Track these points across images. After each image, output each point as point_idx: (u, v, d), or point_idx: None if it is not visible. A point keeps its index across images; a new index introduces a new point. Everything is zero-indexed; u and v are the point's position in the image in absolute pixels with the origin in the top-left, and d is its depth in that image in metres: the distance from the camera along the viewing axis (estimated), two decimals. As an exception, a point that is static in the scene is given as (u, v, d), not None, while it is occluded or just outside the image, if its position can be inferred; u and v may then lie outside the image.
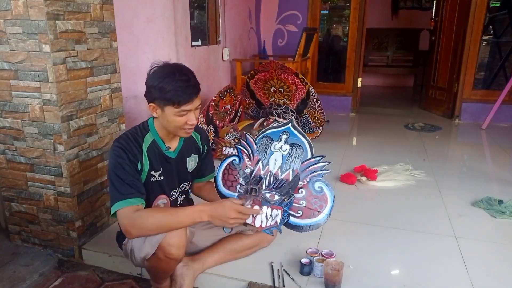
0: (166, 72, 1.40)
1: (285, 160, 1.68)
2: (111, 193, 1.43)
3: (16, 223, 2.05)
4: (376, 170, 2.90)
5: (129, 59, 3.01)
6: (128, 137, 1.48)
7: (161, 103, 1.41)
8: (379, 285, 1.68)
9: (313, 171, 1.64)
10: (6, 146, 1.89)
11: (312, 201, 1.63)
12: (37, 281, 1.82)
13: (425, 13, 7.05)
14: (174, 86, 1.37)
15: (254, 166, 1.71)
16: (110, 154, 1.45)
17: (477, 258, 1.89)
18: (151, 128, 1.53)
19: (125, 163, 1.42)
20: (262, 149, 1.72)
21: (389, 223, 2.23)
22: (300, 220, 1.64)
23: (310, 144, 1.68)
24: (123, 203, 1.38)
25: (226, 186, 1.75)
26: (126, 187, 1.40)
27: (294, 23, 5.17)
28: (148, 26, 2.96)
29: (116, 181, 1.41)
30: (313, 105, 3.58)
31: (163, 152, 1.55)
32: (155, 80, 1.40)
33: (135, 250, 1.48)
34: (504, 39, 4.91)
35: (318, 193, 1.63)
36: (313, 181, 1.64)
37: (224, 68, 4.20)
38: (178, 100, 1.39)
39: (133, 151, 1.45)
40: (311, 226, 1.63)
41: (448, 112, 4.87)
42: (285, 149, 1.69)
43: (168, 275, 1.59)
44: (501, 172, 3.06)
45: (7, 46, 1.72)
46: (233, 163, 1.75)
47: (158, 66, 1.44)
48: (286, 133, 1.71)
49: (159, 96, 1.40)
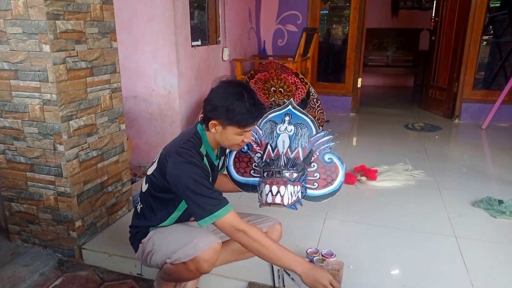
0: (234, 92, 1.41)
1: (293, 140, 1.79)
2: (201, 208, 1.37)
3: (16, 223, 2.05)
4: (376, 170, 2.90)
5: (129, 59, 3.01)
6: (192, 151, 1.45)
7: (226, 122, 1.43)
8: (379, 285, 1.68)
9: (321, 145, 1.77)
10: (6, 146, 1.89)
11: (325, 172, 1.77)
12: (37, 281, 1.82)
13: (425, 13, 7.05)
14: (243, 110, 1.40)
15: (263, 151, 1.80)
16: (181, 171, 1.40)
17: (477, 258, 1.89)
18: (203, 139, 1.53)
19: (203, 176, 1.40)
20: (268, 133, 1.82)
21: (389, 223, 2.23)
22: (317, 191, 1.76)
23: (312, 121, 1.79)
24: (225, 210, 1.37)
25: (240, 173, 1.84)
26: (217, 198, 1.39)
27: (294, 23, 5.17)
28: (148, 26, 2.96)
29: (202, 200, 1.37)
30: (313, 105, 3.58)
31: (213, 161, 1.59)
32: (223, 100, 1.40)
33: (157, 252, 1.49)
34: (504, 39, 4.91)
35: (329, 164, 1.77)
36: (322, 154, 1.77)
37: (224, 68, 4.19)
38: (244, 124, 1.42)
39: (202, 164, 1.45)
40: (329, 194, 1.75)
41: (448, 112, 4.87)
42: (290, 130, 1.79)
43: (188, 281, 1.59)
44: (501, 172, 3.06)
45: (7, 46, 1.72)
46: (242, 150, 1.83)
47: (224, 83, 1.45)
48: (288, 114, 1.81)
49: (226, 116, 1.41)
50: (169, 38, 2.96)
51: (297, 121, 1.80)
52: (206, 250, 1.40)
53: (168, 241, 1.49)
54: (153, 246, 1.51)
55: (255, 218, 1.77)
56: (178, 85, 3.04)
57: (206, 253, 1.40)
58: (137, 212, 1.64)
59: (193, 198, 1.38)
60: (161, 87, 3.06)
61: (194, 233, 1.47)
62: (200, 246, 1.40)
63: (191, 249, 1.41)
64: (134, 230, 1.65)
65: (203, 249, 1.40)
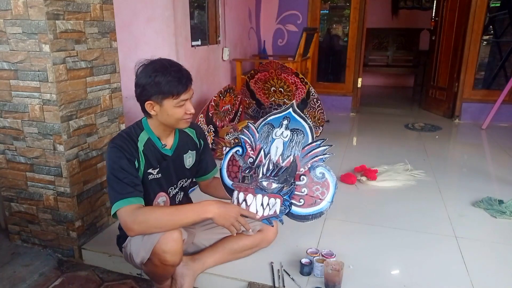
0: (156, 67, 1.41)
1: (286, 147, 1.63)
2: (110, 193, 1.42)
3: (16, 223, 2.05)
4: (376, 170, 2.90)
5: (129, 59, 3.00)
6: (123, 136, 1.47)
7: (159, 98, 1.42)
8: (379, 285, 1.68)
9: (314, 156, 1.57)
10: (6, 146, 1.89)
11: (313, 188, 1.56)
12: (37, 281, 1.82)
13: (425, 13, 7.04)
14: (170, 78, 1.39)
15: (256, 155, 1.66)
16: (107, 154, 1.45)
17: (477, 258, 1.89)
18: (145, 126, 1.53)
19: (123, 162, 1.41)
20: (264, 137, 1.67)
21: (389, 223, 2.22)
22: (302, 209, 1.57)
23: (310, 128, 1.62)
24: (122, 202, 1.37)
25: (231, 178, 1.71)
26: (125, 186, 1.39)
27: (294, 23, 5.17)
28: (148, 26, 2.96)
29: (114, 181, 1.40)
30: (313, 105, 3.58)
31: (160, 149, 1.55)
32: (148, 77, 1.40)
33: (133, 254, 1.48)
34: (504, 39, 4.91)
35: (320, 179, 1.56)
36: (315, 166, 1.57)
37: (224, 68, 4.19)
38: (177, 91, 1.41)
39: (129, 149, 1.44)
40: (314, 215, 1.56)
41: (448, 112, 4.86)
42: (286, 135, 1.64)
43: (167, 277, 1.59)
44: (501, 172, 3.05)
45: (7, 46, 1.72)
46: (237, 153, 1.71)
47: (144, 64, 1.45)
48: (287, 118, 1.66)
49: (156, 91, 1.40)
50: (169, 38, 2.96)
51: (295, 126, 1.64)
52: (161, 240, 1.36)
53: (135, 242, 1.47)
54: (130, 247, 1.50)
55: None
56: (178, 85, 3.03)
57: (164, 244, 1.36)
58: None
59: (108, 180, 1.42)
60: (161, 87, 3.06)
61: None
62: (155, 236, 1.37)
63: (148, 242, 1.38)
64: (118, 235, 1.66)
65: (157, 238, 1.36)
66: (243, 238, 1.78)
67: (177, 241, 1.39)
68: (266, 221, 1.55)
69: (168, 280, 1.61)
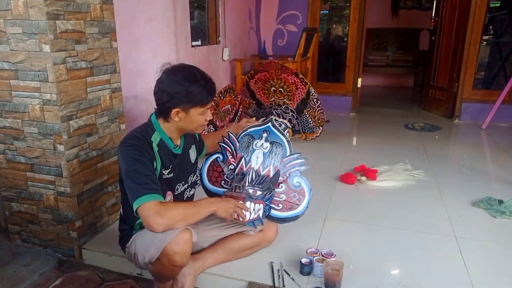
0: (187, 76, 1.42)
1: (266, 157, 1.79)
2: (131, 189, 1.37)
3: (16, 223, 2.05)
4: (376, 170, 2.90)
5: (129, 59, 3.01)
6: (138, 136, 1.46)
7: (188, 106, 1.44)
8: (379, 285, 1.68)
9: (292, 167, 1.76)
10: (6, 146, 1.89)
11: (291, 195, 1.75)
12: (37, 281, 1.82)
13: (425, 13, 7.05)
14: (200, 88, 1.42)
15: (237, 163, 1.81)
16: (123, 154, 1.42)
17: (477, 258, 1.89)
18: (157, 128, 1.52)
19: (143, 160, 1.40)
20: (244, 146, 1.82)
21: (389, 223, 2.23)
22: (280, 213, 1.75)
23: (288, 142, 1.79)
24: (149, 197, 1.34)
25: (211, 182, 1.85)
26: (150, 182, 1.38)
27: (294, 23, 5.17)
28: (148, 26, 2.96)
29: (137, 177, 1.37)
30: (313, 105, 3.58)
31: (172, 150, 1.56)
32: (179, 86, 1.41)
33: (138, 254, 1.48)
34: (504, 39, 4.91)
35: (297, 187, 1.75)
36: (292, 176, 1.75)
37: (224, 68, 4.19)
38: (206, 100, 1.45)
39: (147, 150, 1.44)
40: (290, 218, 1.74)
41: (448, 112, 4.87)
42: (266, 147, 1.80)
43: (173, 278, 1.59)
44: (501, 172, 3.06)
45: (7, 46, 1.72)
46: (217, 160, 1.85)
47: (171, 71, 1.44)
48: (266, 131, 1.81)
49: (187, 100, 1.42)
50: (169, 38, 2.96)
51: (274, 139, 1.80)
52: (172, 241, 1.37)
53: (143, 241, 1.47)
54: (135, 247, 1.50)
55: None
56: (178, 85, 3.04)
57: (175, 245, 1.37)
58: (120, 215, 1.65)
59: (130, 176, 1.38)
60: (161, 87, 3.06)
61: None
62: (166, 237, 1.38)
63: (159, 242, 1.39)
64: (121, 234, 1.66)
65: (169, 239, 1.37)
66: (244, 238, 1.78)
67: (188, 242, 1.41)
68: (251, 223, 1.70)
69: (170, 280, 1.61)
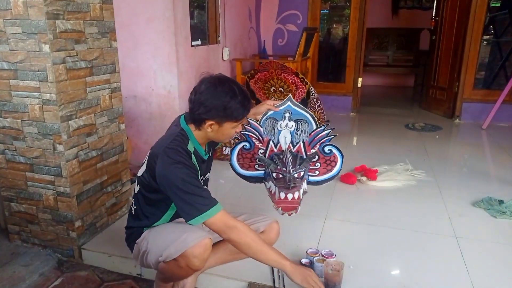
0: (226, 91, 1.41)
1: (294, 135, 1.89)
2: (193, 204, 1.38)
3: (16, 223, 2.05)
4: (376, 170, 2.90)
5: (129, 59, 3.01)
6: (180, 152, 1.44)
7: (223, 120, 1.44)
8: (379, 285, 1.68)
9: (321, 139, 1.88)
10: (6, 146, 1.89)
11: (325, 162, 1.93)
12: (36, 281, 1.82)
13: (426, 13, 7.04)
14: (238, 105, 1.42)
15: (266, 147, 1.89)
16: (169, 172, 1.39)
17: (477, 258, 1.89)
18: (190, 136, 1.52)
19: (191, 176, 1.41)
20: (269, 130, 1.89)
21: (389, 223, 2.22)
22: (317, 177, 1.94)
23: (312, 116, 1.87)
24: (215, 209, 1.39)
25: (244, 168, 1.95)
26: (207, 196, 1.41)
27: (294, 23, 5.16)
28: (148, 26, 2.96)
29: (195, 191, 1.39)
30: (313, 105, 3.57)
31: (203, 157, 1.58)
32: (218, 100, 1.40)
33: (150, 252, 1.48)
34: (504, 38, 4.90)
35: (328, 154, 1.91)
36: (323, 146, 1.90)
37: (224, 68, 4.19)
38: (242, 117, 1.46)
39: (191, 165, 1.44)
40: (328, 179, 1.93)
41: (449, 112, 4.86)
42: (291, 126, 1.88)
43: (182, 279, 1.59)
44: (502, 172, 3.05)
45: (7, 46, 1.71)
46: (244, 147, 1.92)
47: (211, 83, 1.43)
48: (288, 111, 1.87)
49: (223, 115, 1.42)
50: (169, 38, 2.95)
51: (298, 117, 1.87)
52: (195, 245, 1.39)
53: (160, 239, 1.49)
54: (147, 245, 1.51)
55: (251, 217, 1.76)
56: (178, 85, 3.04)
57: (196, 249, 1.39)
58: (131, 213, 1.65)
59: (182, 198, 1.38)
60: (161, 87, 3.06)
61: (185, 229, 1.46)
62: (189, 241, 1.40)
63: (180, 244, 1.40)
64: (129, 231, 1.65)
65: (192, 243, 1.39)
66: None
67: (208, 249, 1.43)
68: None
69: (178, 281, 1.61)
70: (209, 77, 1.46)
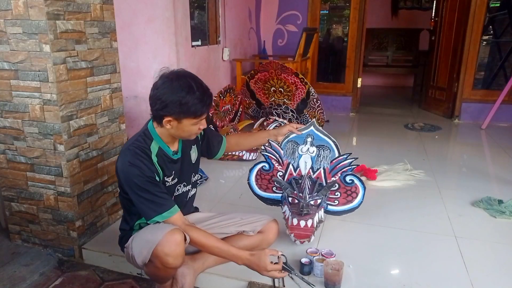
0: (183, 86, 1.39)
1: (315, 161, 1.87)
2: (146, 207, 1.43)
3: (16, 222, 2.05)
4: (376, 170, 2.90)
5: (129, 59, 3.01)
6: (137, 153, 1.44)
7: (180, 116, 1.41)
8: (379, 285, 1.68)
9: (343, 167, 1.86)
10: (6, 146, 1.89)
11: (346, 192, 1.90)
12: (37, 281, 1.82)
13: (425, 13, 7.05)
14: (195, 100, 1.39)
15: (285, 170, 1.88)
16: (126, 173, 1.42)
17: (476, 257, 1.89)
18: (154, 136, 1.51)
19: (147, 180, 1.41)
20: (289, 153, 1.88)
21: (389, 223, 2.23)
22: (337, 207, 1.94)
23: (335, 143, 1.85)
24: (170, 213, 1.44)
25: (262, 189, 1.96)
26: (162, 198, 1.44)
27: (294, 23, 5.17)
28: (148, 26, 2.96)
29: (149, 196, 1.41)
30: (313, 105, 3.58)
31: (171, 157, 1.56)
32: (173, 95, 1.38)
33: (135, 254, 1.48)
34: (504, 39, 4.91)
35: (350, 184, 1.89)
36: (344, 175, 1.88)
37: (224, 68, 4.20)
38: (200, 113, 1.43)
39: (148, 166, 1.43)
40: (347, 211, 1.92)
41: (448, 112, 4.87)
42: (313, 151, 1.86)
43: (169, 279, 1.60)
44: (501, 172, 3.06)
45: (7, 46, 1.72)
46: (263, 168, 1.92)
47: (167, 78, 1.41)
48: (310, 136, 1.85)
49: (180, 110, 1.39)
50: (169, 38, 2.96)
51: (320, 143, 1.85)
52: (161, 243, 1.36)
53: (136, 243, 1.48)
54: (132, 249, 1.50)
55: (250, 217, 1.76)
56: (178, 85, 3.04)
57: (165, 246, 1.36)
58: (122, 215, 1.67)
59: (139, 199, 1.42)
60: (161, 87, 3.06)
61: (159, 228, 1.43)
62: (154, 239, 1.38)
63: (148, 244, 1.39)
64: (121, 235, 1.66)
65: (157, 240, 1.37)
66: (244, 239, 1.78)
67: (180, 244, 1.39)
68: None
69: (169, 280, 1.61)
70: (168, 73, 1.43)
